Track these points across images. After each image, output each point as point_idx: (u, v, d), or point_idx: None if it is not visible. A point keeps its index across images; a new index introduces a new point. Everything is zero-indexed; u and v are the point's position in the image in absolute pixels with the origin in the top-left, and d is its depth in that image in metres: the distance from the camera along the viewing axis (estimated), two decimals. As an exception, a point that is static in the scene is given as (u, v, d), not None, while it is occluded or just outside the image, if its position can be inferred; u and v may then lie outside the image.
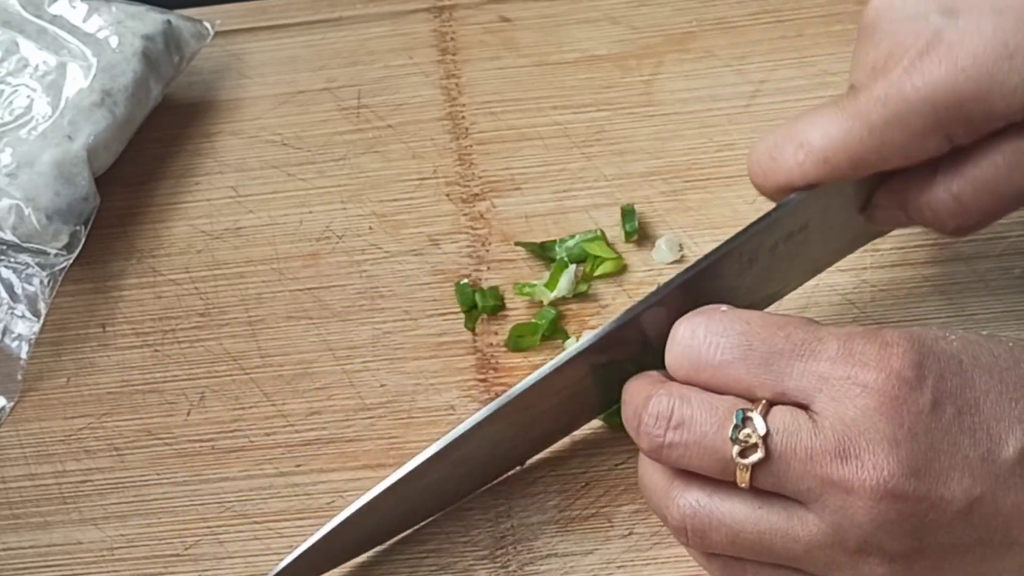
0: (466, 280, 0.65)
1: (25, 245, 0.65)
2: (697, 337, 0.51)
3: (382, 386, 0.64)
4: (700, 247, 0.65)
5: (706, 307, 0.52)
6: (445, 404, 0.63)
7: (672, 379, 0.52)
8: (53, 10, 0.68)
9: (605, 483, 0.60)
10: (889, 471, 0.47)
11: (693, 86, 0.70)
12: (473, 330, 0.65)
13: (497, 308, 0.65)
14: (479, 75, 0.72)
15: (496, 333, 0.64)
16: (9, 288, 0.65)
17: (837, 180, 0.54)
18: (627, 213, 0.66)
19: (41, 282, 0.65)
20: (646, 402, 0.51)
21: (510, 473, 0.60)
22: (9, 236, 0.64)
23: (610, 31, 0.72)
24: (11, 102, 0.66)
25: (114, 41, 0.67)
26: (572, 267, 0.64)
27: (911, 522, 0.48)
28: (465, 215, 0.68)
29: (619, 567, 0.59)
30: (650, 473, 0.52)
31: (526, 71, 0.71)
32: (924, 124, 0.52)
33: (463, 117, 0.70)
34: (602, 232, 0.66)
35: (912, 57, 0.52)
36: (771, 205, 0.55)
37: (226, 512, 0.61)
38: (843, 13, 0.71)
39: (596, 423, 0.61)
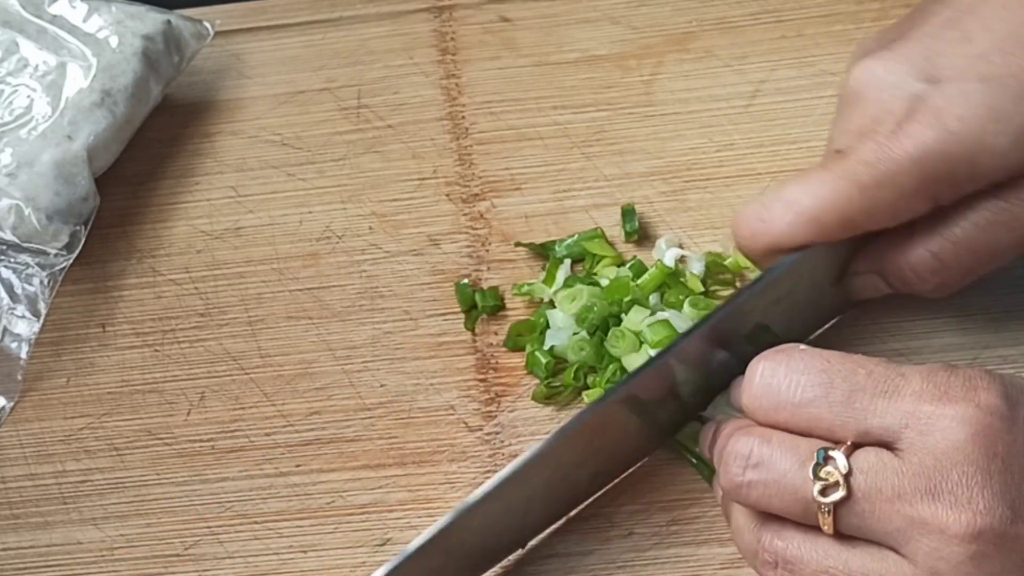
0: (466, 280, 0.65)
1: (25, 245, 0.65)
2: (777, 376, 0.50)
3: (382, 386, 0.64)
4: (700, 247, 0.65)
5: (784, 345, 0.52)
6: (445, 404, 0.63)
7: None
8: (53, 10, 0.68)
9: (605, 483, 0.61)
10: (984, 505, 0.46)
11: (693, 86, 0.70)
12: (473, 330, 0.65)
13: (497, 308, 0.65)
14: (479, 75, 0.72)
15: (496, 333, 0.64)
16: (9, 288, 0.65)
17: (825, 241, 0.55)
18: (627, 213, 0.66)
19: (41, 282, 0.65)
20: (726, 442, 0.51)
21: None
22: (9, 236, 0.64)
23: (610, 31, 0.72)
24: (11, 102, 0.66)
25: (114, 41, 0.67)
26: (567, 261, 0.64)
27: (1012, 559, 0.46)
28: (465, 215, 0.68)
29: (619, 567, 0.59)
30: (738, 515, 0.52)
31: (526, 71, 0.71)
32: (912, 185, 0.53)
33: (463, 117, 0.70)
34: (601, 231, 0.66)
35: (899, 120, 0.53)
36: None
37: (226, 512, 0.61)
38: (843, 13, 0.71)
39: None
